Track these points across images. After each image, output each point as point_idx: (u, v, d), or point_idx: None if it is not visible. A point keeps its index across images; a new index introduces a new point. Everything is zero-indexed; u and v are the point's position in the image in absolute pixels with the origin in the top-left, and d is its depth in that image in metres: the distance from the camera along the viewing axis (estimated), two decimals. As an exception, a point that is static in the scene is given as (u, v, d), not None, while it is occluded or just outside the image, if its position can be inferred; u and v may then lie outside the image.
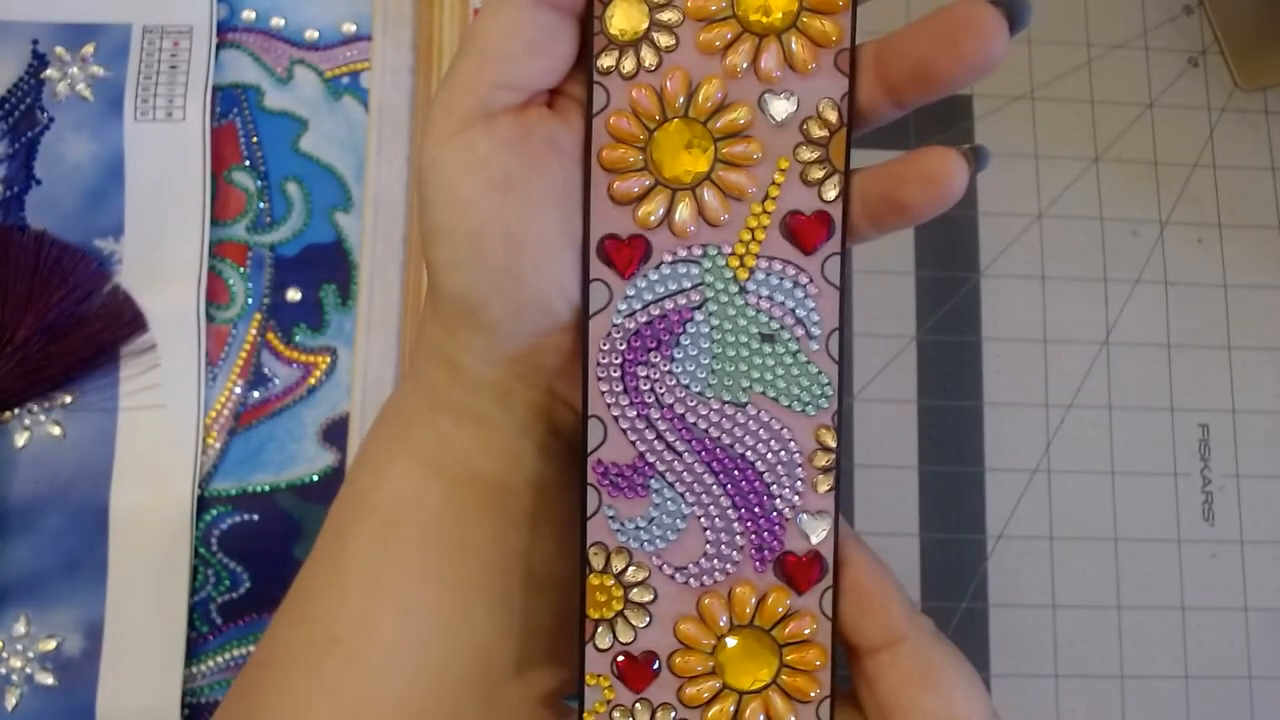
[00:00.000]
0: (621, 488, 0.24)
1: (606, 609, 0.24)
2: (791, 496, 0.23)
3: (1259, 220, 0.44)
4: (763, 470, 0.23)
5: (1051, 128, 0.44)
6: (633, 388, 0.23)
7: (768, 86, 0.23)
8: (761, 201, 0.23)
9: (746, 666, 0.23)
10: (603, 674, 0.24)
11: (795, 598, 0.23)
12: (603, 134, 0.23)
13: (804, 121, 0.23)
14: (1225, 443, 0.42)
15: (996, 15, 0.22)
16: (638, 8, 0.23)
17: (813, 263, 0.23)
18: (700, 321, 0.23)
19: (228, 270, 0.41)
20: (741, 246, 0.23)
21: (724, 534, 0.24)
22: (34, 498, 0.39)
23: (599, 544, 0.24)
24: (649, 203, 0.23)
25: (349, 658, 0.25)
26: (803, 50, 0.23)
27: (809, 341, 0.23)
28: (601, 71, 0.23)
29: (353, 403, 0.40)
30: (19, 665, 0.38)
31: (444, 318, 0.25)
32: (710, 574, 0.24)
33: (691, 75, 0.23)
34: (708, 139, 0.23)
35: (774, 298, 0.23)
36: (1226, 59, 0.46)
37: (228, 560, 0.39)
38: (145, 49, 0.42)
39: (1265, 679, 0.40)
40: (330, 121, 0.43)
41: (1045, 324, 0.43)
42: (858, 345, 0.42)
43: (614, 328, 0.23)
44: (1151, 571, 0.41)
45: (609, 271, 0.23)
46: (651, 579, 0.24)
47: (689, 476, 0.23)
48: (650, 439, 0.23)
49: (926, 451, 0.41)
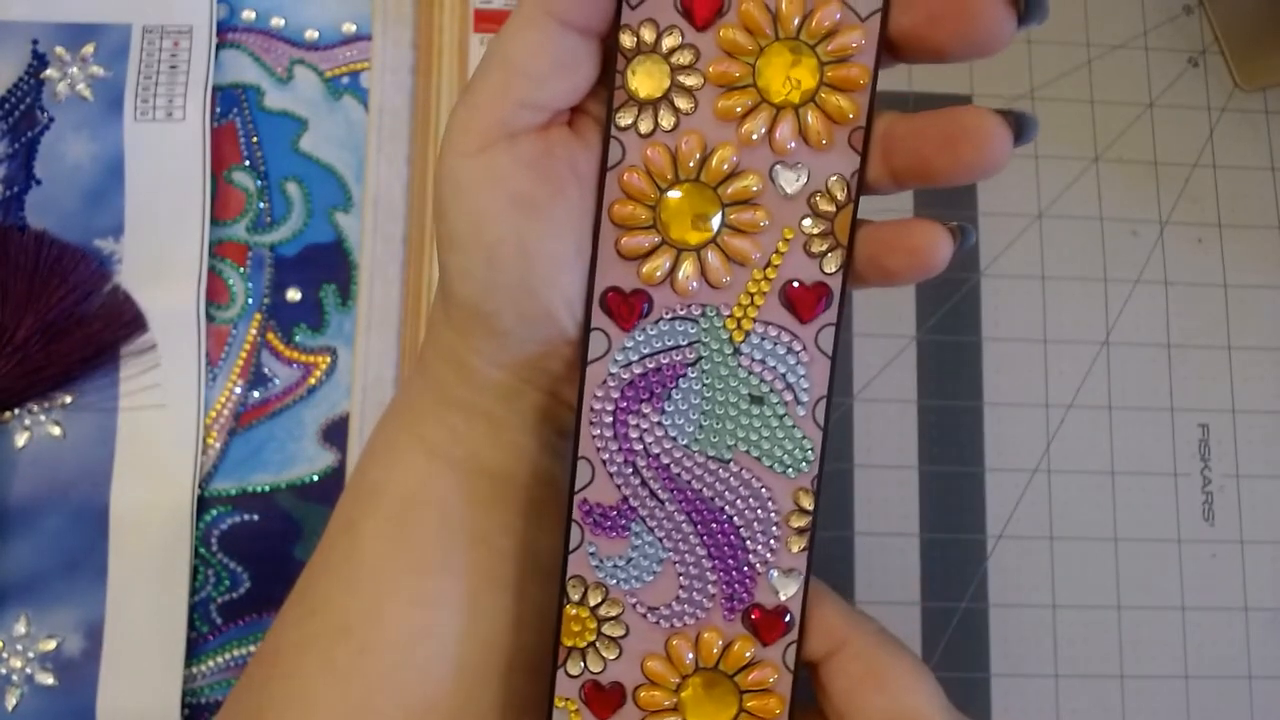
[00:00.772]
0: (604, 527, 0.24)
1: (580, 639, 0.25)
2: (765, 553, 0.24)
3: (1259, 220, 0.44)
4: (740, 525, 0.24)
5: (1051, 128, 0.44)
6: (622, 435, 0.24)
7: (780, 158, 0.23)
8: (763, 268, 0.24)
9: (707, 708, 0.24)
10: (570, 698, 0.25)
11: (760, 648, 0.24)
12: (615, 189, 0.24)
13: (812, 195, 0.23)
14: (1225, 443, 0.42)
15: (1002, 128, 0.22)
16: (660, 68, 0.23)
17: (808, 331, 0.24)
18: (693, 378, 0.24)
19: (228, 270, 0.41)
20: (740, 310, 0.24)
21: (697, 581, 0.24)
22: (34, 498, 0.39)
23: (578, 577, 0.25)
24: (654, 260, 0.24)
25: (362, 648, 0.25)
26: (819, 125, 0.23)
27: (796, 407, 0.24)
28: (620, 128, 0.23)
29: (353, 403, 0.40)
30: (19, 665, 0.38)
31: (455, 321, 0.25)
32: (681, 617, 0.24)
33: (707, 140, 0.23)
34: (716, 204, 0.23)
35: (766, 362, 0.24)
36: (1226, 59, 0.46)
37: (228, 560, 0.39)
38: (145, 49, 0.42)
39: (1265, 679, 0.40)
40: (330, 121, 0.43)
41: (1045, 324, 0.43)
42: (858, 345, 0.42)
43: (610, 376, 0.24)
44: (1151, 571, 0.41)
45: (609, 322, 0.24)
46: (624, 615, 0.25)
47: (669, 524, 0.24)
48: (635, 484, 0.24)
49: (926, 451, 0.41)
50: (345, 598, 0.26)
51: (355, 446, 0.40)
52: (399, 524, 0.26)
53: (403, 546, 0.26)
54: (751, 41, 0.23)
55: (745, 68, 0.23)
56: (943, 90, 0.44)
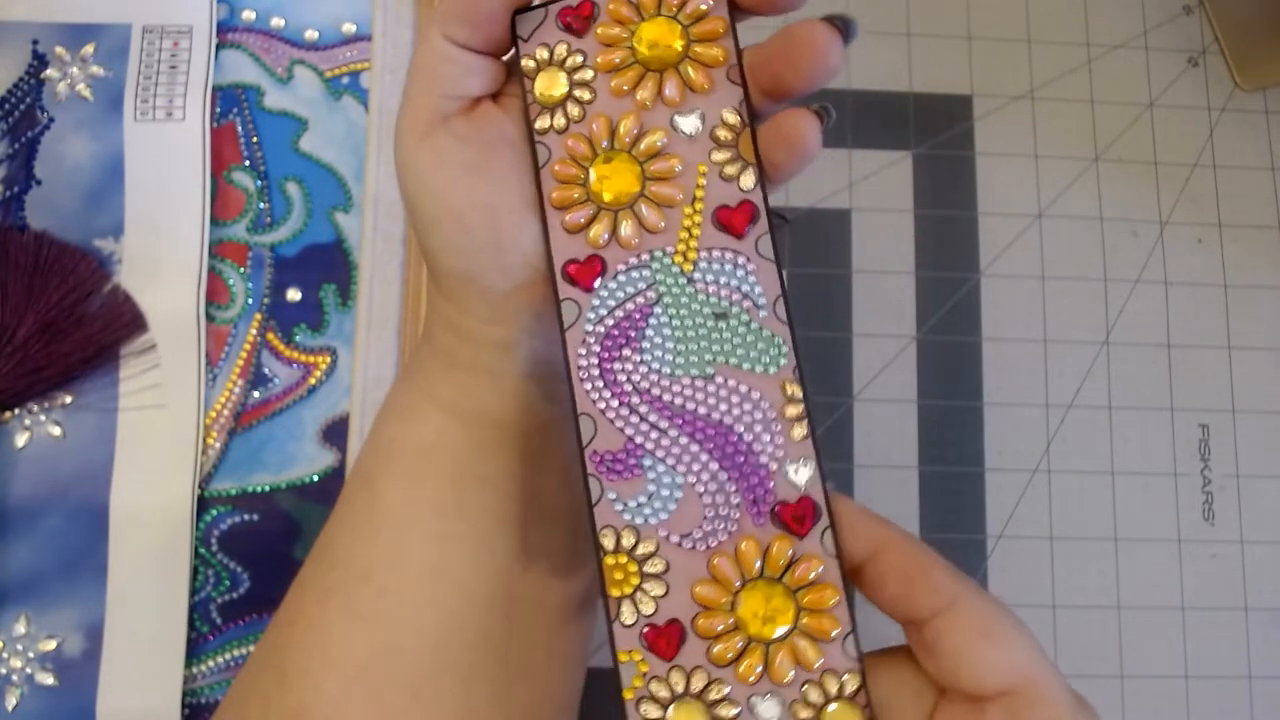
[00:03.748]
0: (619, 471, 0.26)
1: (625, 585, 0.25)
2: (772, 449, 0.26)
3: (1259, 220, 0.44)
4: (741, 431, 0.26)
5: (1051, 128, 0.44)
6: (611, 381, 0.26)
7: (675, 109, 0.27)
8: (691, 204, 0.27)
9: (766, 617, 0.25)
10: (633, 649, 0.25)
11: (798, 543, 0.25)
12: (550, 181, 0.27)
13: (712, 130, 0.27)
14: (1225, 443, 0.42)
15: (830, 33, 0.25)
16: (558, 74, 0.27)
17: (746, 244, 0.26)
18: (659, 314, 0.26)
19: (228, 270, 0.41)
20: (682, 244, 0.26)
21: (719, 495, 0.26)
22: (34, 498, 0.39)
23: (607, 527, 0.26)
24: (596, 227, 0.27)
25: (382, 589, 0.27)
26: (697, 74, 0.27)
27: (758, 311, 0.26)
28: (540, 132, 0.27)
29: (353, 403, 0.40)
30: (19, 665, 0.38)
31: (448, 293, 0.28)
32: (714, 535, 0.25)
33: (611, 117, 0.27)
34: (634, 163, 0.27)
35: (719, 280, 0.26)
36: (1226, 59, 0.46)
37: (228, 560, 0.39)
38: (145, 49, 0.42)
39: (1265, 679, 0.40)
40: (330, 121, 0.43)
41: (1045, 324, 0.43)
42: (857, 345, 0.42)
43: (587, 334, 0.26)
44: (1151, 571, 0.41)
45: (575, 290, 0.27)
46: (661, 550, 0.25)
47: (676, 449, 0.26)
48: (635, 422, 0.26)
49: (926, 451, 0.41)
50: (366, 545, 0.28)
51: (355, 446, 0.40)
52: (416, 474, 0.28)
53: (420, 493, 0.28)
54: (624, 29, 0.27)
55: (625, 51, 0.27)
56: (943, 90, 0.44)
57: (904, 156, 0.44)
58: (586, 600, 0.31)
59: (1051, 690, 0.23)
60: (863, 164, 0.43)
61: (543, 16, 0.28)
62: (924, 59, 0.45)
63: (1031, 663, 0.24)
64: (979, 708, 0.24)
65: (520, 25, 0.28)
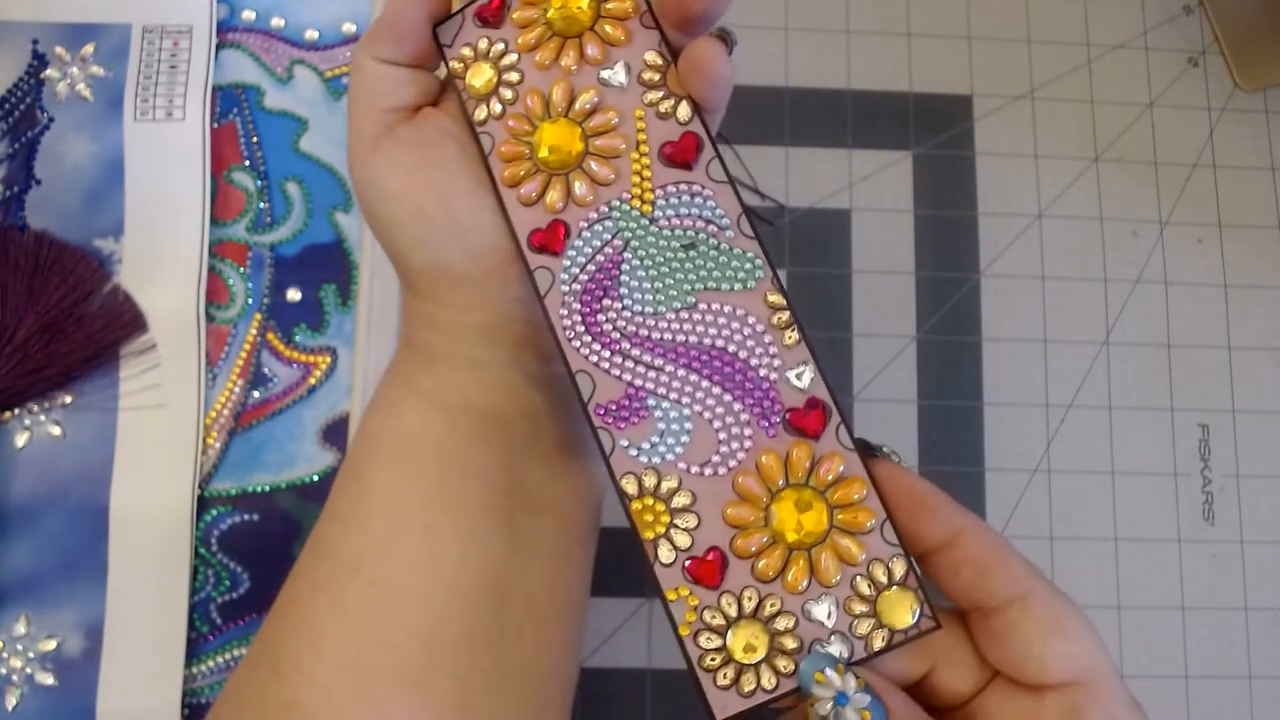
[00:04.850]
0: (625, 418, 0.26)
1: (658, 525, 0.26)
2: (769, 359, 0.26)
3: (1259, 220, 0.44)
4: (735, 350, 0.26)
5: (1051, 128, 0.44)
6: (598, 333, 0.27)
7: (599, 66, 0.28)
8: (636, 149, 0.27)
9: (801, 523, 0.25)
10: (679, 585, 0.25)
11: (815, 444, 0.25)
12: (498, 164, 0.28)
13: (639, 75, 0.28)
14: (1225, 443, 0.42)
15: None
16: (485, 65, 0.28)
17: (698, 173, 0.27)
18: (630, 258, 0.27)
19: (228, 270, 0.41)
20: (636, 189, 0.27)
21: (728, 417, 0.26)
22: (34, 498, 0.39)
23: (627, 474, 0.26)
24: (550, 193, 0.28)
25: (371, 582, 0.27)
26: (613, 29, 0.28)
27: (723, 233, 0.27)
28: (480, 122, 0.28)
29: (353, 403, 0.40)
30: (19, 665, 0.38)
31: (421, 289, 0.29)
32: (733, 456, 0.26)
33: (542, 89, 0.28)
34: (573, 125, 0.28)
35: (680, 213, 0.27)
36: (1226, 59, 0.46)
37: (228, 560, 0.39)
38: (145, 49, 0.42)
39: (1265, 679, 0.40)
40: (330, 121, 0.43)
41: (1045, 324, 0.43)
42: (857, 345, 0.42)
43: (565, 295, 0.27)
44: (1151, 571, 0.41)
45: (544, 257, 0.27)
46: (684, 483, 0.26)
47: (676, 383, 0.26)
48: (630, 367, 0.26)
49: (926, 451, 0.41)
50: (355, 538, 0.28)
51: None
52: (402, 465, 0.28)
53: (406, 485, 0.28)
54: (535, 9, 0.28)
55: (541, 28, 0.28)
56: (943, 90, 0.44)
57: (904, 156, 0.44)
58: (578, 594, 0.31)
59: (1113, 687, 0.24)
60: (863, 164, 0.43)
61: (460, 21, 0.29)
62: (924, 59, 0.45)
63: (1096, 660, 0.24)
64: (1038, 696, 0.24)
65: (442, 35, 0.29)
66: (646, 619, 0.39)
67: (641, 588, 0.39)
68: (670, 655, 0.39)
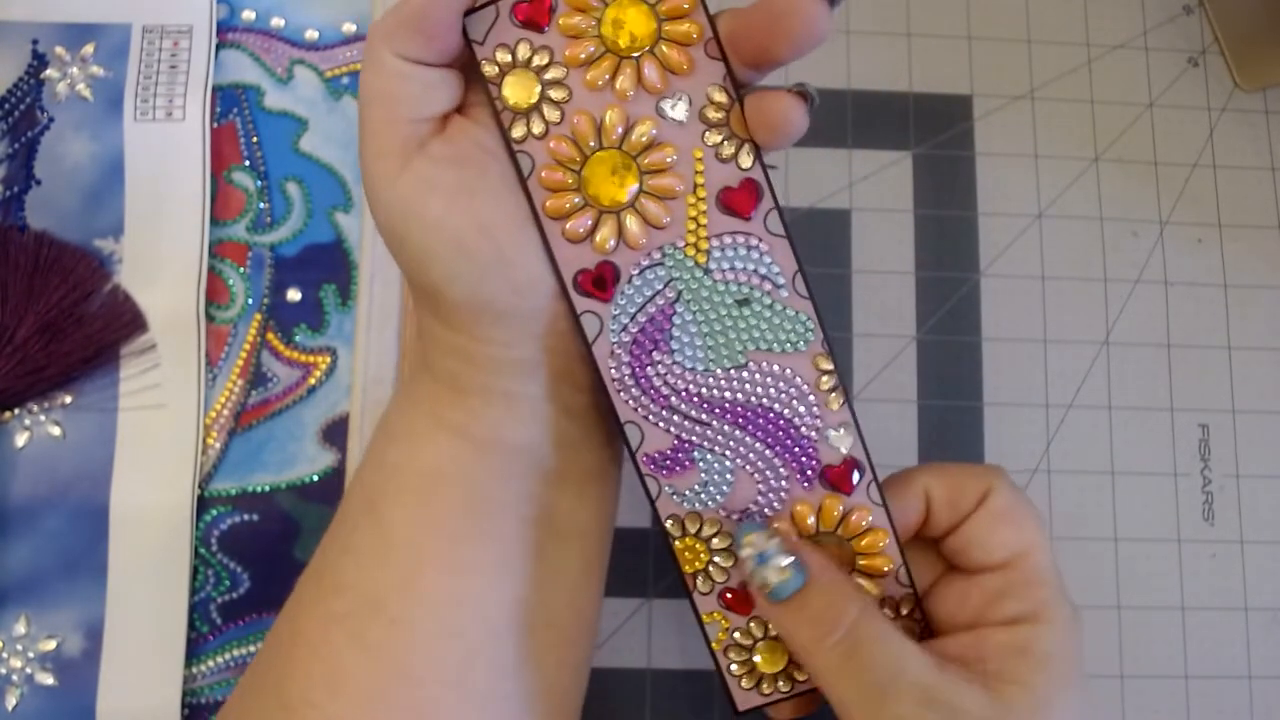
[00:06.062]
0: (672, 469, 0.27)
1: (698, 562, 0.28)
2: (812, 420, 0.27)
3: (1259, 220, 0.44)
4: (781, 410, 0.27)
5: (1051, 128, 0.44)
6: (648, 387, 0.26)
7: (659, 96, 0.25)
8: (693, 192, 0.26)
9: None
10: (714, 610, 0.28)
11: (846, 499, 0.27)
12: (540, 190, 0.25)
13: (701, 111, 0.25)
14: (1225, 443, 0.42)
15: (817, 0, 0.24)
16: (526, 76, 0.25)
17: (755, 224, 0.26)
18: (682, 311, 0.26)
19: (228, 270, 0.41)
20: (691, 235, 0.26)
21: (768, 471, 0.27)
22: (34, 498, 0.39)
23: (672, 517, 0.27)
24: (600, 232, 0.26)
25: (394, 620, 0.26)
26: (675, 54, 0.25)
27: (779, 291, 0.26)
28: (519, 141, 0.25)
29: (353, 403, 0.40)
30: (19, 665, 0.38)
31: (457, 323, 0.26)
32: (770, 506, 0.27)
33: (593, 113, 0.25)
34: (627, 159, 0.25)
35: (735, 266, 0.26)
36: (1226, 59, 0.46)
37: (228, 560, 0.39)
38: (145, 49, 0.42)
39: (1265, 679, 0.40)
40: (330, 121, 0.43)
41: (1045, 324, 0.43)
42: (857, 345, 0.42)
43: (614, 345, 0.26)
44: (1151, 571, 0.41)
45: (592, 301, 0.26)
46: (724, 527, 0.27)
47: (722, 438, 0.27)
48: (679, 421, 0.27)
49: (926, 451, 0.41)
50: (375, 573, 0.27)
51: (355, 446, 0.40)
52: (425, 499, 0.27)
53: (432, 520, 0.27)
54: (587, 18, 0.25)
55: (594, 40, 0.25)
56: (943, 90, 0.44)
57: (904, 156, 0.44)
58: (595, 613, 0.30)
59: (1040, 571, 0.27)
60: (863, 164, 0.43)
61: (494, 15, 0.25)
62: (924, 59, 0.45)
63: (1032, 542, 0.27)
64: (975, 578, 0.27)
65: (471, 27, 0.25)
66: (646, 619, 0.39)
67: (642, 588, 0.39)
68: (670, 655, 0.39)
